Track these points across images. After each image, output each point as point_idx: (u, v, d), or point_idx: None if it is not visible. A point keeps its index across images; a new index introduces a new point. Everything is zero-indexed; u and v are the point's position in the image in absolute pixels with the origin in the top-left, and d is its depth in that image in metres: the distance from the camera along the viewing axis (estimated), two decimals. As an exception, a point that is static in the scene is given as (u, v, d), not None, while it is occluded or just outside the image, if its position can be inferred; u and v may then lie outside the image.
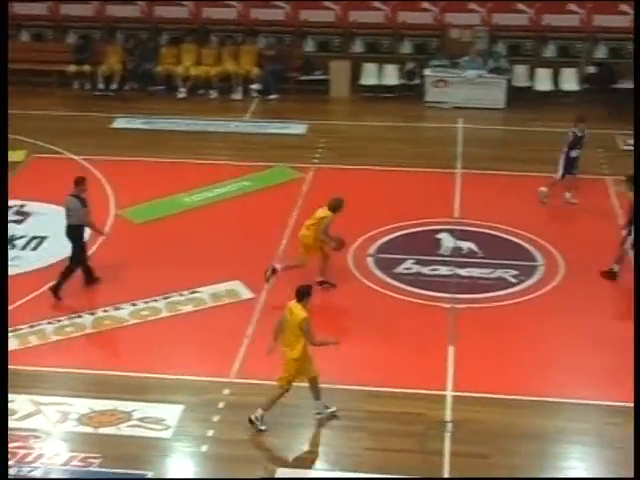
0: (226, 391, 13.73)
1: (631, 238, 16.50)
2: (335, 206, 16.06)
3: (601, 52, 26.20)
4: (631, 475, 10.72)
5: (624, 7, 25.67)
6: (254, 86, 26.27)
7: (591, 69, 25.92)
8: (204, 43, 26.89)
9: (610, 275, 16.74)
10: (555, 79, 25.84)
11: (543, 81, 25.85)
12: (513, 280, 16.74)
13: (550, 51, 26.37)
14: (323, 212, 16.11)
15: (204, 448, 12.66)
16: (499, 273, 16.93)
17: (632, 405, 13.08)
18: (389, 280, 16.70)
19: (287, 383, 12.83)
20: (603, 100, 25.07)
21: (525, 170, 20.94)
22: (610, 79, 25.59)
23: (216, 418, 13.19)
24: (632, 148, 21.92)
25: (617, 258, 16.71)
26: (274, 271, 16.36)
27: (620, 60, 25.80)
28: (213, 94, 26.32)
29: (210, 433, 12.90)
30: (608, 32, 25.90)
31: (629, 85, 25.16)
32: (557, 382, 14.03)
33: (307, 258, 16.27)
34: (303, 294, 12.77)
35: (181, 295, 16.05)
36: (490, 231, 18.31)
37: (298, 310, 12.67)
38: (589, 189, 20.01)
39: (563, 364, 14.40)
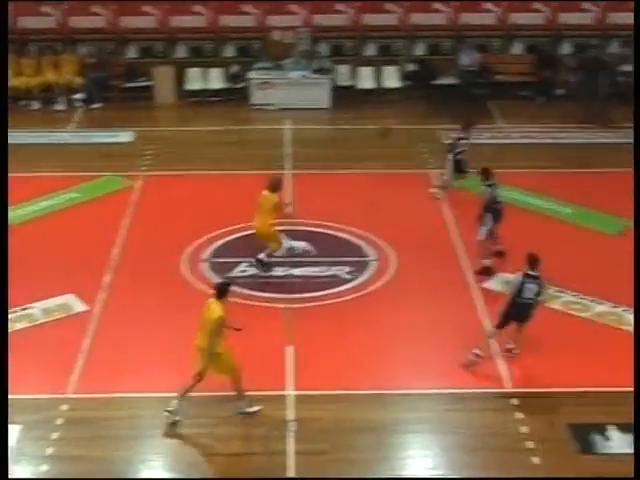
0: (64, 407, 13.46)
1: (484, 228, 16.98)
2: (275, 186, 16.53)
3: (420, 50, 26.85)
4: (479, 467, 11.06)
5: (438, 5, 26.39)
6: (77, 95, 25.81)
7: (411, 66, 26.55)
8: (22, 53, 26.23)
9: (485, 271, 17.09)
10: (377, 77, 26.35)
11: (365, 80, 26.33)
12: (347, 277, 17.00)
13: (371, 50, 26.87)
14: (269, 197, 16.46)
15: (44, 467, 12.38)
16: (333, 271, 17.16)
17: (471, 391, 13.60)
18: (225, 284, 16.69)
19: (200, 375, 12.83)
20: (423, 96, 25.75)
21: (354, 167, 21.31)
22: (429, 76, 26.29)
23: (55, 435, 12.91)
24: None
25: (483, 253, 17.19)
26: (260, 261, 16.85)
27: (438, 57, 26.51)
28: (35, 105, 25.72)
29: (49, 451, 12.63)
30: (426, 30, 26.55)
31: (447, 81, 25.95)
32: (395, 374, 14.33)
33: (278, 243, 16.75)
34: (222, 292, 12.89)
35: (13, 313, 15.62)
36: (323, 230, 18.54)
37: (215, 307, 12.77)
38: (415, 183, 20.51)
39: (400, 356, 14.72)
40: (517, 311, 14.44)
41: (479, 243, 17.23)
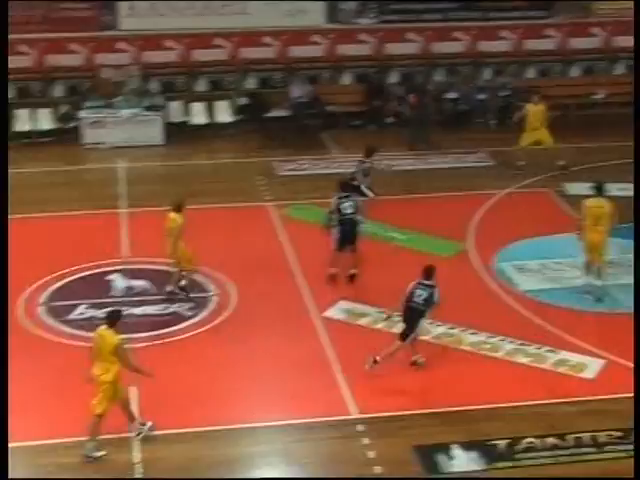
0: None
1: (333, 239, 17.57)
2: (179, 205, 17.00)
3: (251, 83, 27.02)
4: None
5: (267, 39, 26.58)
6: None
7: (243, 100, 26.67)
8: None
9: (331, 278, 17.75)
10: (210, 112, 26.37)
11: (198, 115, 26.31)
12: (188, 313, 16.87)
13: (202, 85, 26.87)
14: (175, 218, 16.78)
15: None
16: (174, 308, 17.00)
17: (316, 420, 13.66)
18: (63, 327, 16.32)
19: (103, 410, 12.74)
20: (257, 129, 25.89)
21: (190, 203, 21.09)
22: (262, 109, 26.46)
23: None
24: (292, 173, 22.79)
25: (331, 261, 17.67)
26: (182, 289, 17.05)
27: (270, 90, 26.74)
28: None
29: None
30: (257, 63, 26.73)
31: (280, 113, 26.18)
32: (240, 409, 14.24)
33: (192, 266, 17.13)
34: (113, 319, 12.98)
35: None
36: (161, 267, 18.33)
37: (109, 335, 12.79)
38: (253, 216, 20.56)
39: (245, 390, 14.65)
40: (406, 314, 15.05)
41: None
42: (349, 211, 17.64)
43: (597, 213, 17.34)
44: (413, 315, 15.06)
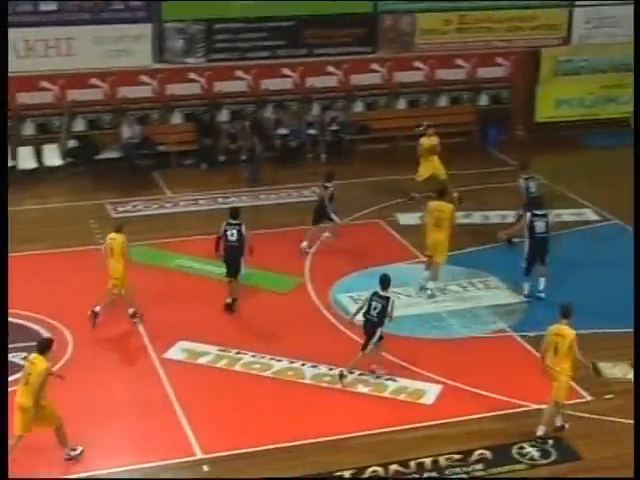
0: None
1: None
2: (119, 226, 17.84)
3: (80, 125, 26.60)
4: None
5: (94, 80, 26.25)
6: None
7: (72, 143, 26.24)
8: None
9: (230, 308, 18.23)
10: (38, 156, 25.80)
11: (26, 159, 25.68)
12: (23, 362, 16.38)
13: (29, 129, 26.29)
14: (116, 238, 17.50)
15: None
16: (9, 358, 16.51)
17: (157, 464, 13.50)
18: None
19: (25, 431, 13.33)
20: (88, 172, 25.51)
21: (17, 250, 20.58)
22: (92, 150, 26.10)
23: None
24: (125, 214, 22.58)
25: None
26: (95, 314, 17.33)
27: (99, 131, 26.36)
28: None
29: None
30: (84, 106, 26.31)
31: (111, 155, 25.90)
32: (82, 457, 13.96)
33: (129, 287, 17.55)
34: (45, 346, 13.66)
35: None
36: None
37: (40, 361, 13.44)
38: (87, 260, 20.21)
39: (86, 438, 14.31)
40: (365, 326, 15.92)
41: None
42: (234, 238, 17.97)
43: (438, 215, 18.90)
44: (370, 327, 15.85)
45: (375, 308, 15.77)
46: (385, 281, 16.01)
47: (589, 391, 15.72)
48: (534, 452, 14.23)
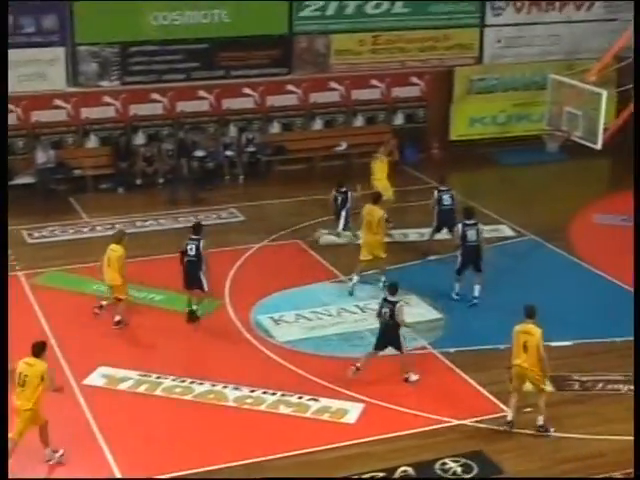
0: None
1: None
2: (119, 238, 18.55)
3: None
4: None
5: (59, 102, 25.88)
6: None
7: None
8: None
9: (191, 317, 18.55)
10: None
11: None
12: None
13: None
14: (116, 250, 18.10)
15: None
16: None
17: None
18: None
19: (20, 435, 13.72)
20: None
21: None
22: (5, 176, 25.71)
23: None
24: (42, 240, 22.30)
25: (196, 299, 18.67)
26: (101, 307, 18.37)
27: (13, 156, 25.91)
28: None
29: None
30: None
31: (25, 180, 25.57)
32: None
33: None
34: (41, 349, 14.12)
35: None
36: None
37: (38, 364, 13.89)
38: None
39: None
40: (383, 331, 16.68)
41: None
42: (192, 253, 18.41)
43: (369, 219, 20.06)
44: (389, 331, 16.40)
45: (385, 313, 16.40)
46: (393, 289, 16.61)
47: (508, 404, 15.90)
48: (456, 467, 14.36)
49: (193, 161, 26.63)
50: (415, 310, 19.26)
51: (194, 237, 18.55)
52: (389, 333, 16.46)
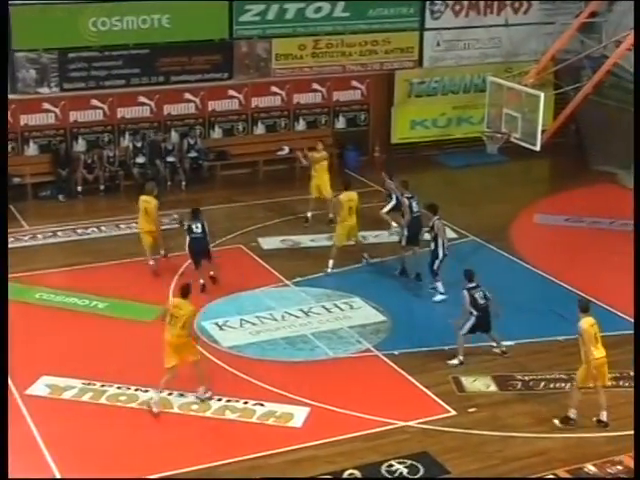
0: None
1: None
2: (151, 189, 20.39)
3: None
4: None
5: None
6: None
7: None
8: None
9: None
10: None
11: None
12: None
13: None
14: (149, 201, 20.03)
15: None
16: None
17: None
18: None
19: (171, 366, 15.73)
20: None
21: None
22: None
23: None
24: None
25: None
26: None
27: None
28: None
29: None
30: None
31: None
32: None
33: None
34: (186, 291, 16.06)
35: None
36: None
37: (185, 305, 15.89)
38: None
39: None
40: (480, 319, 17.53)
41: None
42: (199, 230, 20.12)
43: (352, 205, 20.88)
44: (486, 316, 17.27)
45: (481, 297, 17.32)
46: (470, 273, 17.71)
47: (452, 405, 16.03)
48: (402, 469, 14.43)
49: (134, 168, 26.50)
50: (359, 313, 19.35)
51: (197, 218, 20.16)
52: (487, 318, 17.31)
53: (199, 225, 20.14)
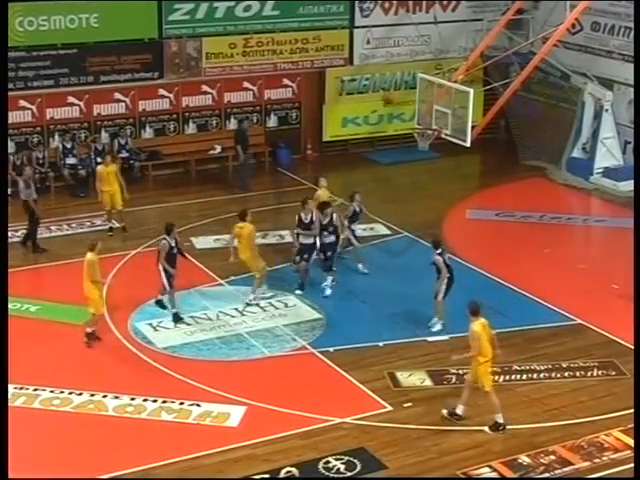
0: None
1: None
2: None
3: None
4: None
5: None
6: None
7: None
8: None
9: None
10: None
11: None
12: None
13: None
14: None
15: None
16: None
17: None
18: None
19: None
20: None
21: None
22: None
23: None
24: None
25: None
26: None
27: None
28: None
29: None
30: None
31: None
32: None
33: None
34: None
35: None
36: None
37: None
38: None
39: None
40: None
41: None
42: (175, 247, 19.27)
43: (239, 232, 19.68)
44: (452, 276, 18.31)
45: None
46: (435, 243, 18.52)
47: (388, 401, 16.12)
48: (340, 465, 14.47)
49: (64, 169, 26.22)
50: (294, 311, 19.37)
51: (169, 235, 19.08)
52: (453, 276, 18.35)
53: (174, 242, 19.19)
